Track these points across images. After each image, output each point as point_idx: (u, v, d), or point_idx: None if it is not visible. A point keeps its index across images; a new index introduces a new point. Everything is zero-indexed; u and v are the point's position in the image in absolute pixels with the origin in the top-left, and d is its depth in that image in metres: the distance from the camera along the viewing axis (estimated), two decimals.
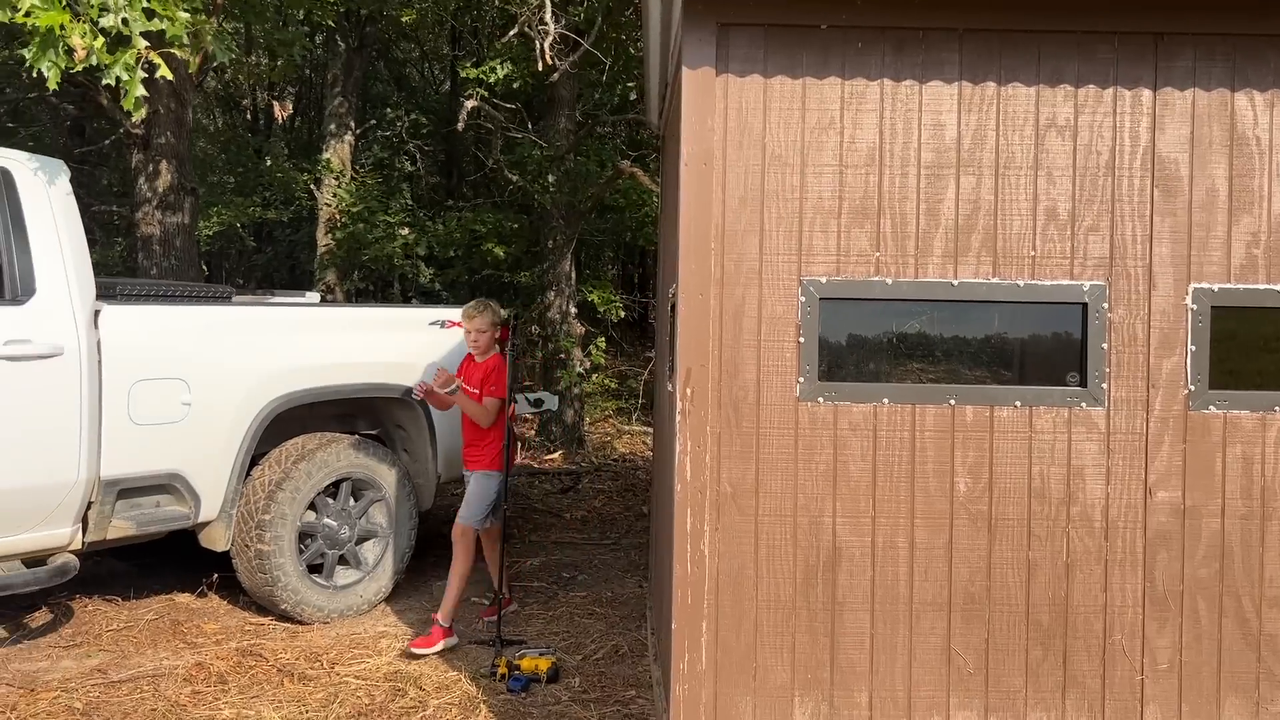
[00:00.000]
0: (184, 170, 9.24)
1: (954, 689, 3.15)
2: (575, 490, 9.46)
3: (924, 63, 3.13)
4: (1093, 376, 3.12)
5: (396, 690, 4.51)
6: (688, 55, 3.09)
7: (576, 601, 5.97)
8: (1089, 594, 3.15)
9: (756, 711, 3.14)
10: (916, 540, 3.14)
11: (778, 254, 3.14)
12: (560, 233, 11.23)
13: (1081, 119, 3.13)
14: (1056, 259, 3.13)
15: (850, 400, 3.14)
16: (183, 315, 4.99)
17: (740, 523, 3.15)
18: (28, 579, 4.46)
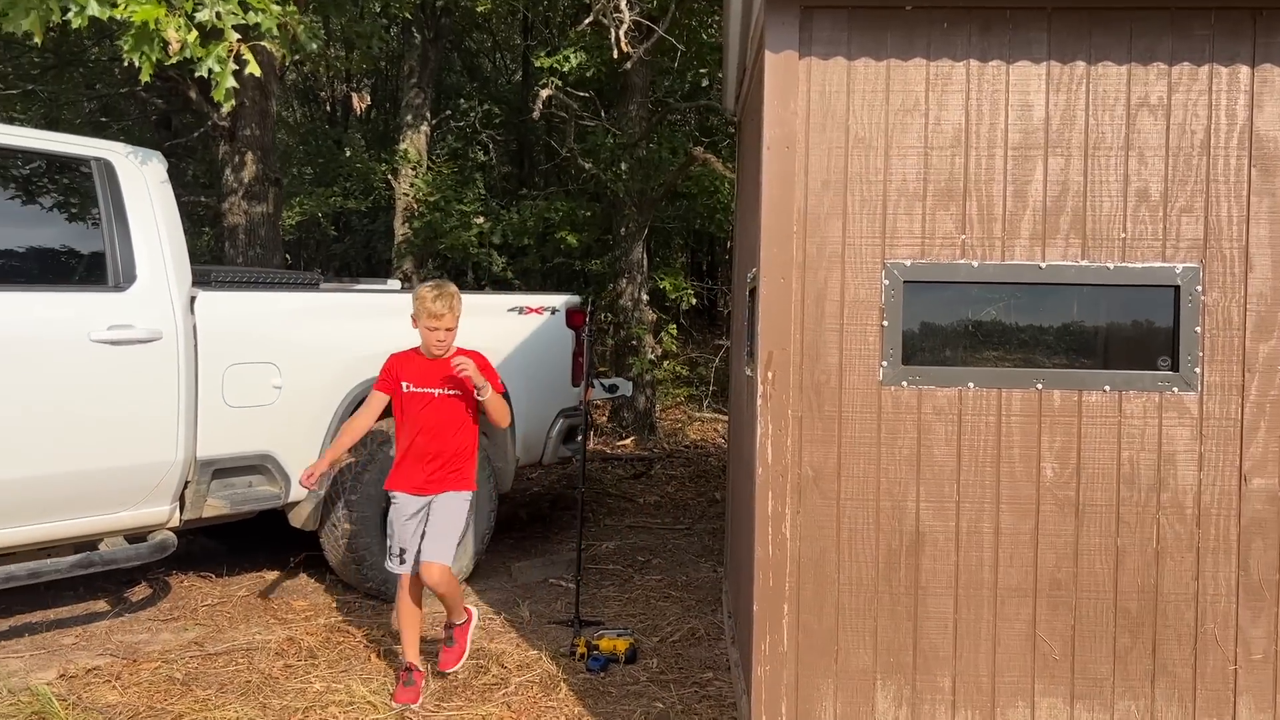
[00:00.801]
0: (268, 161, 9.49)
1: (1039, 675, 3.12)
2: (648, 476, 9.52)
3: (1011, 42, 3.09)
4: (1185, 361, 3.06)
5: (479, 668, 4.61)
6: (770, 39, 3.10)
7: (652, 585, 6.03)
8: (1180, 582, 3.09)
9: (838, 694, 3.15)
10: (1002, 525, 3.12)
11: (861, 237, 3.13)
12: (632, 220, 11.28)
13: (1175, 98, 3.06)
14: (1148, 241, 3.07)
15: (934, 384, 3.13)
16: (274, 301, 5.15)
17: (822, 506, 3.16)
18: (130, 554, 4.66)
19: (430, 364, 4.24)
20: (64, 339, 4.39)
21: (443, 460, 4.27)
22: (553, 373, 6.32)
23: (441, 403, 4.25)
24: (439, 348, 4.20)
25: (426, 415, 4.25)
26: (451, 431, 4.29)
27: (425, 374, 4.25)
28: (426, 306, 4.13)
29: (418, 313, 4.17)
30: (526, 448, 6.23)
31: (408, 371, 4.26)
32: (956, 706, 3.14)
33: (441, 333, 4.16)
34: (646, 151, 11.02)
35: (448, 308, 4.15)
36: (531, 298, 6.25)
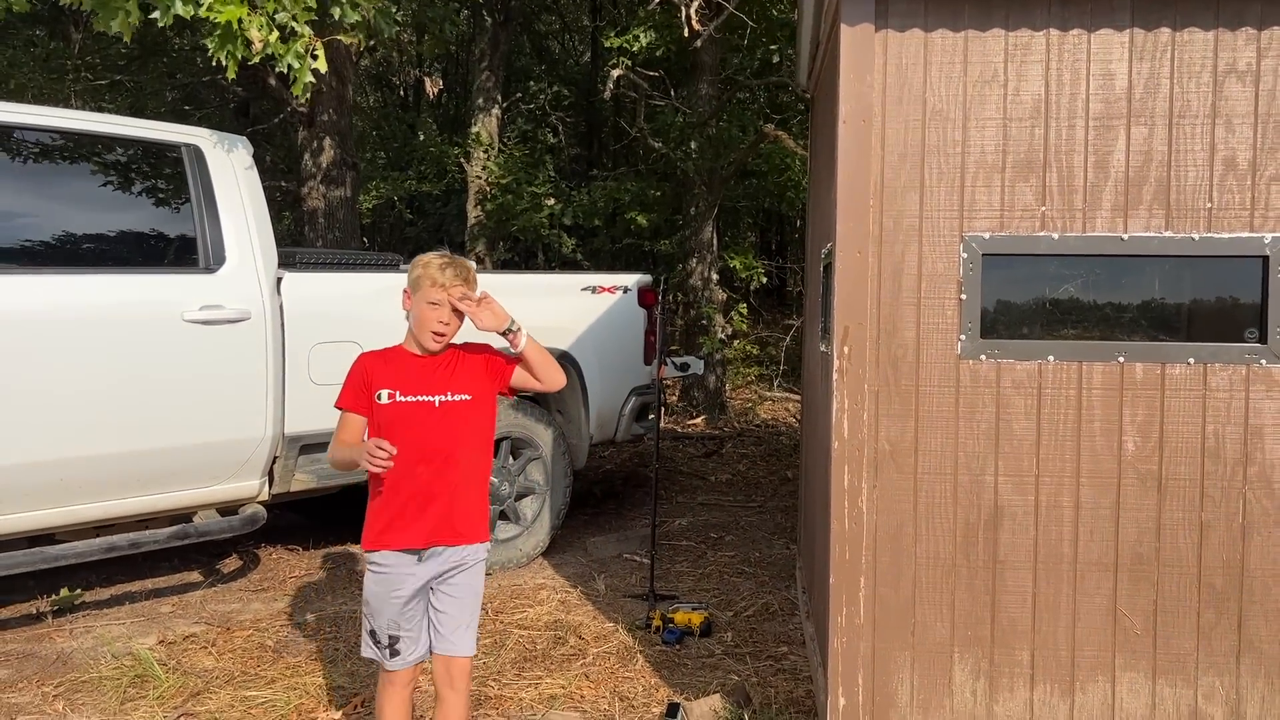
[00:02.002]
0: (345, 146, 9.70)
1: (1120, 650, 3.10)
2: (719, 454, 9.56)
3: (1093, 11, 3.04)
4: (1274, 333, 3.00)
5: (557, 639, 4.71)
6: (846, 12, 3.09)
7: (725, 561, 6.07)
8: (1267, 558, 3.04)
9: (916, 666, 3.17)
10: (1082, 500, 3.10)
11: (938, 210, 3.12)
12: (702, 199, 11.27)
13: (1265, 63, 2.99)
14: (1235, 210, 3.01)
15: (1013, 358, 3.11)
16: (356, 281, 5.29)
17: (899, 480, 3.17)
18: (223, 526, 4.85)
19: (426, 362, 3.04)
20: (159, 319, 4.57)
21: (456, 498, 3.01)
22: (625, 351, 6.38)
23: (447, 413, 3.00)
24: (440, 339, 3.01)
25: (428, 434, 2.98)
26: (466, 454, 3.03)
27: (420, 376, 3.02)
28: (431, 274, 2.98)
29: (417, 284, 3.02)
30: (600, 425, 6.31)
31: (388, 376, 3.02)
32: (1035, 680, 3.13)
33: (447, 312, 2.98)
34: (716, 130, 11.01)
35: (461, 278, 3.00)
36: (604, 277, 6.31)
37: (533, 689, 4.17)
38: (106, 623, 4.89)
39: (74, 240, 4.54)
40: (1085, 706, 3.12)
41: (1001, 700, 3.14)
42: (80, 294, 4.40)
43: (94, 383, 4.38)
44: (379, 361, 3.07)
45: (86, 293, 4.42)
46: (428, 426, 2.98)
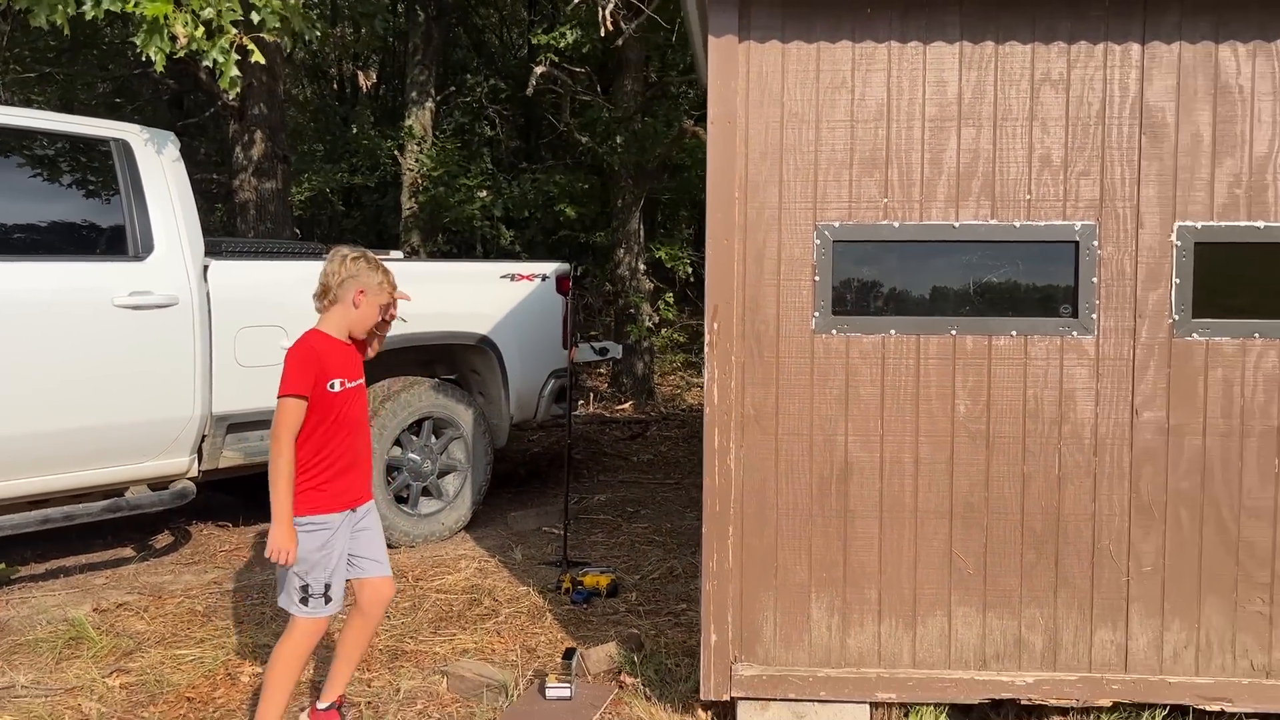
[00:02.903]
0: (277, 139, 9.90)
1: (955, 587, 3.54)
2: (643, 437, 9.95)
3: (928, 25, 3.45)
4: (1084, 308, 3.45)
5: (473, 601, 5.06)
6: (713, 25, 3.48)
7: (638, 531, 6.46)
8: (1079, 504, 3.49)
9: (778, 605, 3.58)
10: (921, 456, 3.53)
11: (795, 202, 3.52)
12: (628, 192, 11.65)
13: (1074, 73, 3.43)
14: (1050, 201, 3.45)
15: (860, 332, 3.52)
16: (281, 269, 5.57)
17: (762, 441, 3.57)
18: (154, 500, 5.12)
19: (347, 348, 3.45)
20: (90, 305, 4.82)
21: (367, 461, 3.54)
22: (544, 336, 6.73)
23: (360, 391, 3.48)
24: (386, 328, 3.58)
25: (354, 410, 3.43)
26: (367, 423, 3.55)
27: (347, 362, 3.43)
28: (392, 281, 3.44)
29: (378, 289, 3.41)
30: (520, 406, 6.65)
31: (335, 365, 3.36)
32: (883, 615, 3.56)
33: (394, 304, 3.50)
34: (641, 125, 11.37)
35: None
36: (522, 265, 6.65)
37: (447, 644, 4.51)
38: (42, 594, 5.14)
39: (6, 229, 4.77)
40: (925, 638, 3.55)
41: (853, 634, 3.56)
42: (14, 280, 4.64)
43: (28, 364, 4.63)
44: (327, 351, 3.35)
45: (20, 279, 4.66)
46: (354, 404, 3.44)
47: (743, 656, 3.58)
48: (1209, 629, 3.48)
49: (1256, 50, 3.37)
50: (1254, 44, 3.37)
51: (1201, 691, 3.47)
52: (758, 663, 3.58)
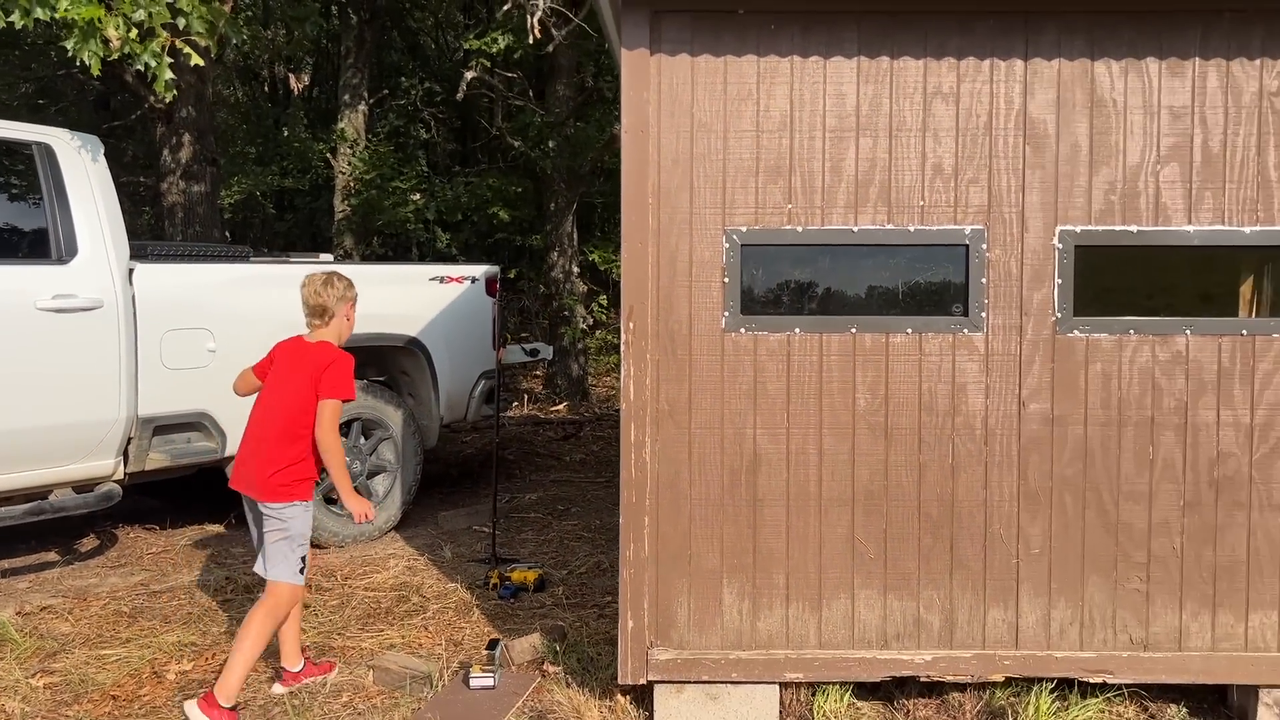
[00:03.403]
0: (205, 142, 9.86)
1: (857, 571, 3.74)
2: (577, 437, 10.09)
3: (828, 41, 3.66)
4: (973, 307, 3.68)
5: (400, 598, 5.16)
6: (625, 38, 3.64)
7: (568, 529, 6.60)
8: (971, 491, 3.72)
9: (692, 591, 3.74)
10: (824, 447, 3.72)
11: (705, 207, 3.70)
12: (562, 196, 11.78)
13: (963, 87, 3.65)
14: (942, 207, 3.67)
15: (767, 330, 3.71)
16: (206, 272, 5.61)
17: (676, 434, 3.74)
18: (78, 502, 5.14)
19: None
20: (12, 307, 4.83)
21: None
22: (473, 337, 6.84)
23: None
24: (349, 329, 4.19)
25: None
26: None
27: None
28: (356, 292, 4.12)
29: (355, 300, 4.11)
30: (450, 407, 6.75)
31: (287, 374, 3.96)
32: (790, 599, 3.75)
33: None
34: (574, 130, 11.52)
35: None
36: (452, 268, 6.76)
37: (374, 639, 4.61)
38: None
39: None
40: (830, 620, 3.75)
41: (763, 617, 3.75)
42: None
43: None
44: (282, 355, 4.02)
45: None
46: None
47: (658, 641, 3.74)
48: (1092, 606, 3.73)
49: (1128, 67, 3.63)
50: (1126, 61, 3.62)
51: (1085, 665, 3.72)
52: (673, 647, 3.74)
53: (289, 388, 3.89)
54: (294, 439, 3.86)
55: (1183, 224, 3.65)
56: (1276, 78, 3.62)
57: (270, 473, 3.82)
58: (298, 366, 3.92)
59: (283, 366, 3.97)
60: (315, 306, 3.99)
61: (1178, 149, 3.64)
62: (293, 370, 3.92)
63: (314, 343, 3.98)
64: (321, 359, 3.91)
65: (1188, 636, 3.72)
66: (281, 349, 4.05)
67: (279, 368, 3.99)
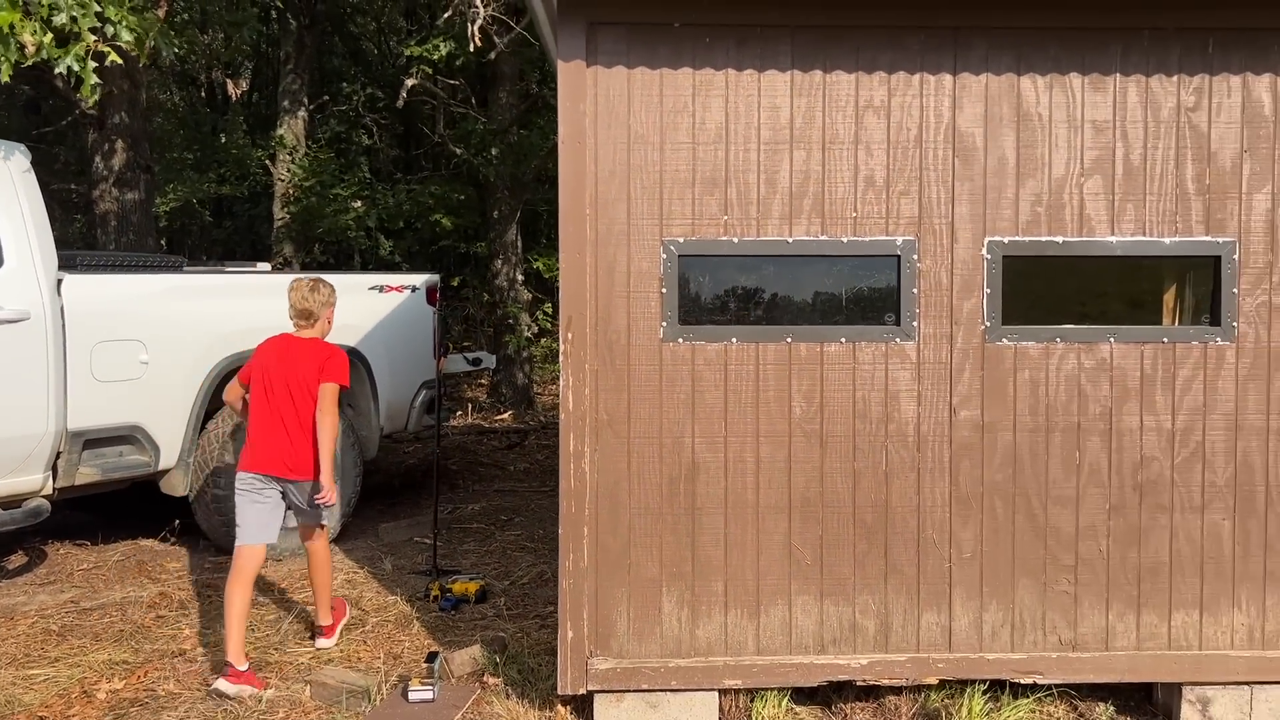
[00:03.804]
0: (139, 148, 9.67)
1: (794, 577, 3.78)
2: (521, 446, 10.05)
3: (762, 54, 3.70)
4: (905, 316, 3.74)
5: None
6: (561, 50, 3.65)
7: (510, 539, 6.58)
8: (905, 497, 3.78)
9: (631, 600, 3.76)
10: (761, 455, 3.76)
11: (643, 218, 3.72)
12: (505, 204, 11.75)
13: (894, 100, 3.73)
14: (874, 219, 3.74)
15: (705, 340, 3.74)
16: (138, 283, 5.51)
17: (615, 444, 3.75)
18: (5, 518, 5.00)
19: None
20: None
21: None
22: (414, 347, 6.79)
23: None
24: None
25: None
26: None
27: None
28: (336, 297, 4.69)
29: (333, 304, 4.66)
30: (391, 417, 6.70)
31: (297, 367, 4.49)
32: (729, 606, 3.78)
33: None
34: (518, 137, 11.50)
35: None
36: (392, 277, 6.71)
37: (311, 654, 4.55)
38: None
39: None
40: (768, 626, 3.78)
41: (702, 625, 3.77)
42: None
43: None
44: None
45: None
46: None
47: (598, 651, 3.75)
48: (1022, 608, 3.82)
49: (1053, 82, 3.73)
50: (1051, 76, 3.72)
51: (1017, 666, 3.80)
52: (612, 656, 3.75)
53: (300, 378, 4.38)
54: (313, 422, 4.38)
55: (1106, 235, 3.75)
56: (1193, 94, 3.74)
57: (308, 454, 4.38)
58: (302, 359, 4.40)
59: (284, 360, 4.39)
60: (302, 310, 4.49)
61: (1101, 162, 3.75)
62: (297, 362, 4.39)
63: (307, 339, 4.49)
64: (322, 350, 4.47)
65: (1114, 636, 3.82)
66: (274, 347, 4.45)
67: (279, 362, 4.39)
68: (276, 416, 4.34)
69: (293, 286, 4.53)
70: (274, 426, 4.34)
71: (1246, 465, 3.80)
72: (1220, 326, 3.78)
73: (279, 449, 4.34)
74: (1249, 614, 3.82)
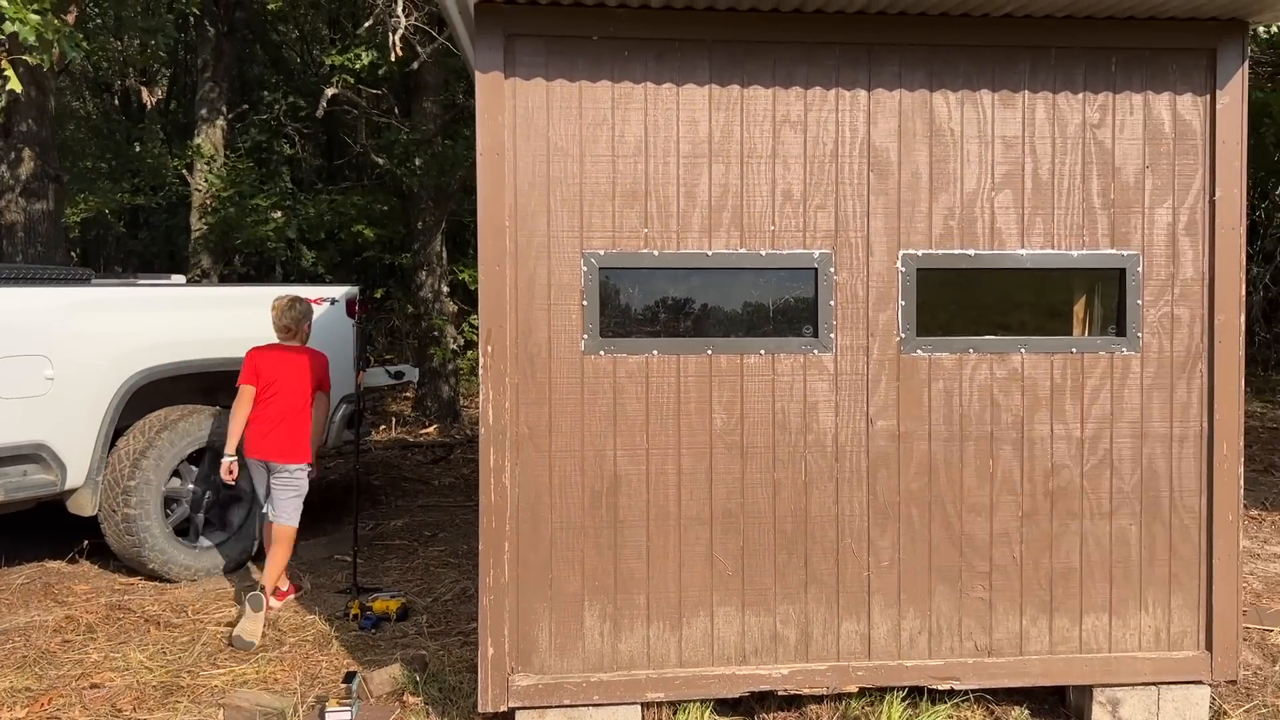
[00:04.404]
0: (47, 157, 9.37)
1: (716, 589, 3.79)
2: (447, 460, 9.94)
3: (680, 68, 3.73)
4: (823, 328, 3.79)
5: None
6: (479, 61, 3.63)
7: (434, 555, 6.49)
8: (824, 506, 3.82)
9: (553, 615, 3.73)
10: (683, 467, 3.77)
11: (563, 231, 3.71)
12: (430, 214, 11.63)
13: (810, 115, 3.78)
14: (792, 232, 3.78)
15: (626, 353, 3.74)
16: (42, 296, 5.32)
17: (536, 458, 3.73)
18: None
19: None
20: None
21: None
22: (334, 361, 6.65)
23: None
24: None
25: None
26: None
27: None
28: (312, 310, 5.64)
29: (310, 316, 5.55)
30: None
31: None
32: (651, 619, 3.77)
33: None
34: (442, 147, 11.40)
35: None
36: (311, 289, 6.58)
37: (226, 676, 4.43)
38: None
39: None
40: (690, 638, 3.79)
41: (624, 638, 3.76)
42: None
43: None
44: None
45: None
46: None
47: (520, 667, 3.72)
48: (939, 615, 3.88)
49: (965, 99, 3.81)
50: (962, 93, 3.81)
51: (934, 672, 3.86)
52: (534, 672, 3.72)
53: (299, 379, 5.34)
54: (306, 415, 5.38)
55: (1016, 248, 3.85)
56: (1098, 111, 3.86)
57: (294, 440, 5.30)
58: (301, 365, 5.36)
59: (285, 366, 5.33)
60: (283, 326, 5.40)
61: (1011, 176, 3.84)
62: (297, 367, 5.34)
63: (296, 347, 5.42)
64: (317, 358, 5.46)
65: (1028, 641, 3.90)
66: (273, 356, 5.32)
67: (282, 367, 5.31)
68: (275, 406, 5.28)
69: (274, 305, 5.42)
70: (268, 416, 5.26)
71: (1152, 471, 3.92)
72: (1126, 337, 3.89)
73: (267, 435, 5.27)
74: (1155, 616, 3.93)
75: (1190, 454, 3.92)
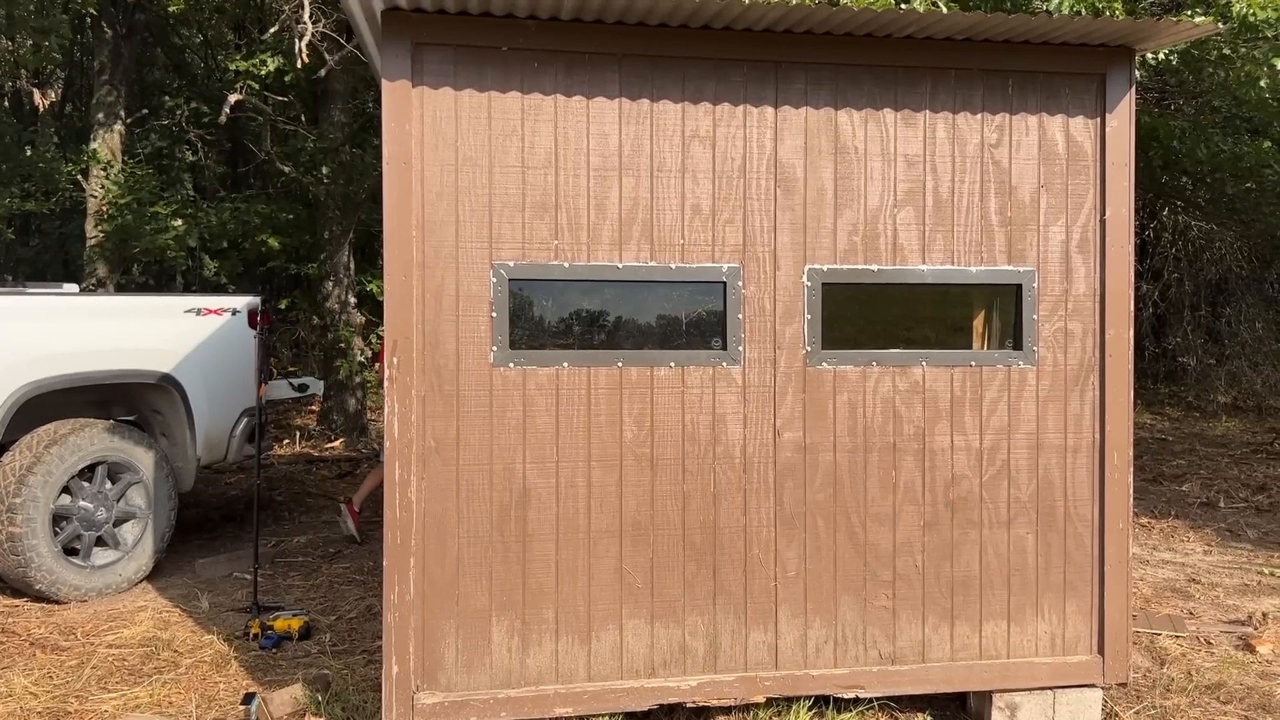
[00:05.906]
0: None
1: (626, 601, 3.78)
2: (353, 475, 9.74)
3: (590, 81, 3.73)
4: (731, 341, 3.82)
5: (149, 654, 4.79)
6: (386, 69, 3.58)
7: (338, 571, 6.34)
8: (732, 517, 3.85)
9: (460, 631, 3.68)
10: (593, 479, 3.76)
11: (471, 241, 3.68)
12: (337, 223, 11.42)
13: (719, 131, 3.82)
14: (701, 246, 3.81)
15: (536, 365, 3.72)
16: None
17: (443, 472, 3.67)
18: None
19: None
20: None
21: None
22: (234, 373, 6.48)
23: None
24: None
25: None
26: None
27: None
28: None
29: None
30: (209, 447, 6.37)
31: None
32: (560, 633, 3.74)
33: None
34: (349, 156, 11.21)
35: None
36: (211, 299, 6.40)
37: (117, 700, 4.25)
38: None
39: None
40: (600, 652, 3.77)
41: (532, 653, 3.72)
42: None
43: None
44: None
45: None
46: None
47: (425, 685, 3.65)
48: (844, 624, 3.93)
49: (869, 117, 3.90)
50: (866, 111, 3.90)
51: (839, 681, 3.91)
52: (440, 690, 3.66)
53: None
54: None
55: (918, 264, 3.94)
56: (995, 131, 3.99)
57: None
58: None
59: None
60: None
61: (913, 194, 3.94)
62: None
63: None
64: None
65: (930, 648, 3.98)
66: None
67: None
68: None
69: None
70: None
71: (1047, 481, 4.05)
72: (1023, 350, 4.02)
73: None
74: (1051, 622, 4.05)
75: (1083, 464, 4.06)
